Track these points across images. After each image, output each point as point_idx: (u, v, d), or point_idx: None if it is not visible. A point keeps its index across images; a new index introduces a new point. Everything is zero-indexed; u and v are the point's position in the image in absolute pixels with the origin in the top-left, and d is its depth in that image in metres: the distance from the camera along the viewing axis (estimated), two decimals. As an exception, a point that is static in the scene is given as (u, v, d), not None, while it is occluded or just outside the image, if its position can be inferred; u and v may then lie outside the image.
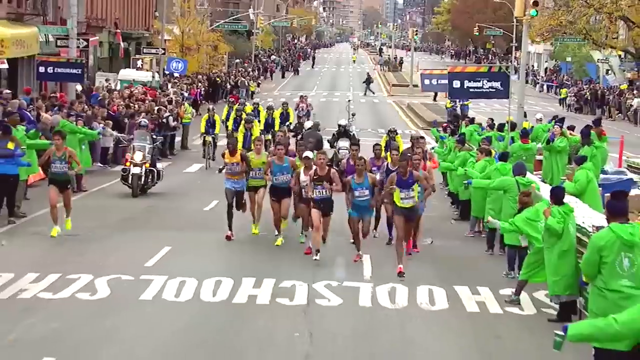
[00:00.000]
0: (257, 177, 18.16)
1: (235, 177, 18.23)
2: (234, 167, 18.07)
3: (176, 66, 47.75)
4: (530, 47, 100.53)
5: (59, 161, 17.79)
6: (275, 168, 17.55)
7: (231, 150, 18.22)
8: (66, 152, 17.88)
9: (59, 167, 17.79)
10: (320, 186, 16.29)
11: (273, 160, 17.70)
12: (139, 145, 23.63)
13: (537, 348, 11.04)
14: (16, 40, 38.09)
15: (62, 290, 13.30)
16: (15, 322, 11.59)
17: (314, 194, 16.35)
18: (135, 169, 23.11)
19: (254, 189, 18.16)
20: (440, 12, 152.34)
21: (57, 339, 10.91)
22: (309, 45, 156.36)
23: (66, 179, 17.93)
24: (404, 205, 15.36)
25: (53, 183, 17.87)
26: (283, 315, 12.30)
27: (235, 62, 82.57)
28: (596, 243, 8.86)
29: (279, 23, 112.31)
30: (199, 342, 10.98)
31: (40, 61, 28.89)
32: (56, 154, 17.84)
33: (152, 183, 23.82)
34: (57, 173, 17.82)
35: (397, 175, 15.43)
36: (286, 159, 17.77)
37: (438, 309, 12.95)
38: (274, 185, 17.67)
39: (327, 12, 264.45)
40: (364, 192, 16.04)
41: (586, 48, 75.40)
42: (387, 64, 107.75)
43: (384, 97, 73.32)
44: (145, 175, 23.40)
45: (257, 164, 18.09)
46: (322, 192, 16.33)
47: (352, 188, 16.12)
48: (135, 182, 23.07)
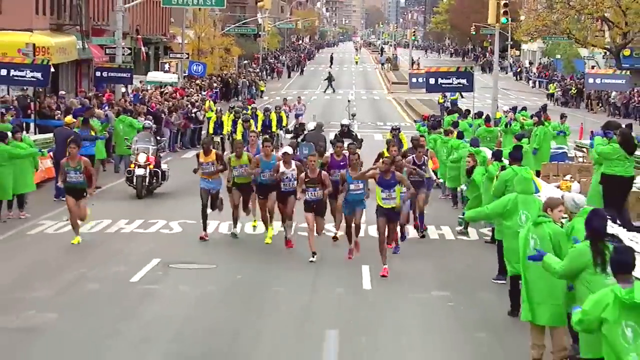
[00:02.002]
0: (243, 174, 18.05)
1: (210, 177, 18.23)
2: (208, 167, 18.11)
3: (196, 69, 53.24)
4: (524, 45, 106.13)
5: (73, 171, 17.58)
6: (263, 165, 17.64)
7: (205, 150, 18.28)
8: (81, 162, 17.66)
9: (74, 177, 17.59)
10: (312, 188, 16.47)
11: (261, 157, 17.78)
12: (143, 147, 23.67)
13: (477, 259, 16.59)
14: (59, 48, 43.68)
15: (150, 227, 19.05)
16: (126, 244, 17.27)
17: (307, 196, 16.52)
18: (139, 171, 23.13)
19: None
20: (439, 12, 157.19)
21: (156, 254, 16.44)
22: (312, 45, 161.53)
23: (81, 188, 17.68)
24: (385, 205, 15.48)
25: (69, 193, 17.72)
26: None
27: (244, 63, 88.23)
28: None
29: (284, 25, 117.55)
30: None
31: (97, 67, 34.61)
32: (70, 164, 17.64)
33: (157, 184, 23.90)
34: (72, 182, 17.63)
35: (379, 174, 15.56)
36: (273, 156, 17.83)
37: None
38: (260, 182, 17.78)
39: (329, 12, 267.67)
40: (359, 185, 16.16)
41: (575, 46, 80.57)
42: (389, 62, 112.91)
43: (384, 94, 78.92)
44: (150, 176, 23.39)
45: (236, 164, 18.07)
46: (315, 194, 16.50)
47: (347, 181, 16.22)
48: (139, 183, 23.14)
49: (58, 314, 12.67)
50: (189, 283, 14.66)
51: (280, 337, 11.89)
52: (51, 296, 13.61)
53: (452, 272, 15.78)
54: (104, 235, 18.52)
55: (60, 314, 12.67)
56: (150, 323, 12.43)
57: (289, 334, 12.01)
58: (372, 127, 47.69)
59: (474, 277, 15.25)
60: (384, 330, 12.21)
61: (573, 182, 19.55)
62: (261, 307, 13.31)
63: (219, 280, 14.92)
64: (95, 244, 17.57)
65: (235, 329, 12.11)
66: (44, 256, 16.25)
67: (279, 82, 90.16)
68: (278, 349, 11.44)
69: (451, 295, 14.07)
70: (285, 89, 79.45)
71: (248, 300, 13.70)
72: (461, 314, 13.09)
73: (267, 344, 11.63)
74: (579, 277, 9.11)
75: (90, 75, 52.55)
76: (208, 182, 18.28)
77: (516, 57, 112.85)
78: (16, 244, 17.52)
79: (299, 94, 73.46)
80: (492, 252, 15.30)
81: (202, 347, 11.40)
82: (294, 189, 17.12)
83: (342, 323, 12.53)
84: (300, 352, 11.34)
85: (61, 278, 14.80)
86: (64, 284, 14.43)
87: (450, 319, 12.89)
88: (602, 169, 17.51)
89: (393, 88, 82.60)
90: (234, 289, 14.43)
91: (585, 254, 9.02)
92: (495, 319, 12.77)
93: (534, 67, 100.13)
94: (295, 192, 17.02)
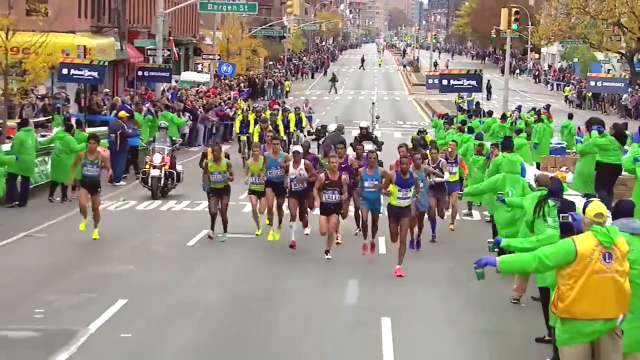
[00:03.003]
0: (257, 182, 18.16)
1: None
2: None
3: (226, 69, 56.33)
4: (544, 49, 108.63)
5: (90, 164, 17.90)
6: (270, 162, 17.82)
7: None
8: (99, 157, 18.05)
9: (91, 170, 17.91)
10: (331, 191, 16.40)
11: (268, 154, 17.94)
12: (159, 147, 23.63)
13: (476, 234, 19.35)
14: (99, 49, 46.83)
15: (196, 207, 22.09)
16: (177, 219, 20.25)
17: (324, 198, 16.42)
18: (155, 171, 23.14)
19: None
20: (461, 15, 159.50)
21: (205, 227, 19.31)
22: (336, 47, 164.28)
23: (96, 182, 18.05)
24: (399, 204, 15.60)
25: (84, 185, 18.07)
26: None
27: (269, 63, 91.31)
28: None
29: (309, 27, 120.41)
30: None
31: (139, 67, 37.73)
32: (88, 157, 17.97)
33: (172, 185, 23.84)
34: (88, 175, 17.96)
35: (396, 173, 15.70)
36: (281, 153, 17.97)
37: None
38: (269, 179, 17.87)
39: (353, 13, 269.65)
40: (373, 182, 16.16)
41: (591, 49, 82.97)
42: (411, 64, 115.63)
43: (405, 95, 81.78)
44: (165, 178, 23.40)
45: (255, 170, 18.14)
46: (333, 197, 16.43)
47: (363, 179, 16.36)
48: (154, 184, 23.15)
49: (134, 266, 15.85)
50: (234, 247, 17.62)
51: (307, 287, 14.83)
52: (126, 255, 16.76)
53: (457, 245, 18.45)
54: (158, 212, 21.59)
55: (135, 266, 15.87)
56: (205, 274, 15.55)
57: (316, 283, 14.93)
58: (393, 126, 50.85)
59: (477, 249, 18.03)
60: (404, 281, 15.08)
61: (567, 172, 22.53)
62: (292, 266, 16.19)
63: (261, 246, 17.87)
64: (152, 219, 20.65)
65: (274, 277, 15.07)
66: (111, 227, 19.17)
67: (303, 82, 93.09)
68: (305, 297, 14.35)
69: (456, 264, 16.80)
70: (309, 90, 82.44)
71: (284, 260, 16.58)
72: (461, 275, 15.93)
73: (298, 293, 14.55)
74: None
75: (126, 74, 55.82)
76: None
77: (536, 60, 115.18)
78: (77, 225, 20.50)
79: (322, 94, 76.83)
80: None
81: (250, 287, 14.37)
82: (304, 188, 17.39)
83: (360, 274, 15.45)
84: (325, 297, 14.22)
85: (130, 243, 17.89)
86: (133, 246, 17.52)
87: (452, 275, 15.76)
88: (597, 157, 20.41)
89: (414, 89, 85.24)
90: (273, 251, 17.34)
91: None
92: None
93: (552, 70, 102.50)
94: (306, 191, 17.33)
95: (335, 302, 13.88)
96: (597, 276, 8.07)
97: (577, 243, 8.10)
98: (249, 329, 12.27)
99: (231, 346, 11.54)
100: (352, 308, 13.73)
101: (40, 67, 28.44)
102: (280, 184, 17.76)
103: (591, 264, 8.06)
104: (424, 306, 13.83)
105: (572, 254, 8.06)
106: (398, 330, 12.20)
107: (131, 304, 13.19)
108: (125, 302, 13.22)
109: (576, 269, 8.10)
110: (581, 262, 8.07)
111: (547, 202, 11.87)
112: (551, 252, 8.16)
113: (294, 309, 13.43)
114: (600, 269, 8.07)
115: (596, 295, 8.06)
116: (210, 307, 13.34)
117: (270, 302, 13.78)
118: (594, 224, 8.13)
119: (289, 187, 17.59)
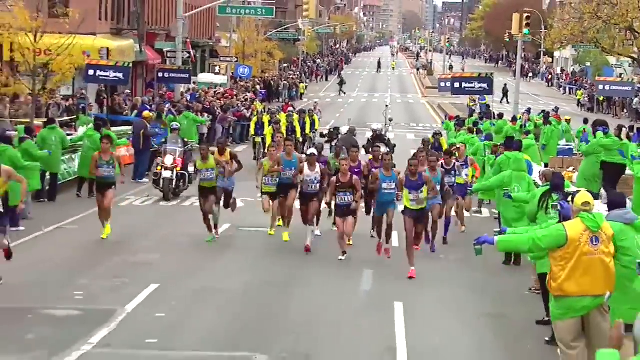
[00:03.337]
0: (270, 183, 18.28)
1: (225, 175, 18.43)
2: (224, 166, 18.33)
3: (243, 71, 57.41)
4: (557, 53, 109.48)
5: (105, 165, 18.10)
6: (285, 163, 17.97)
7: (220, 150, 18.57)
8: (113, 158, 18.25)
9: (105, 171, 18.12)
10: (344, 193, 16.53)
11: (282, 156, 18.05)
12: (170, 149, 23.74)
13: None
14: (119, 51, 47.96)
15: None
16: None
17: (337, 200, 16.61)
18: (167, 173, 23.21)
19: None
20: (474, 19, 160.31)
21: (227, 220, 20.34)
22: (350, 49, 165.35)
23: (111, 183, 18.24)
24: (413, 207, 15.72)
25: (98, 186, 18.49)
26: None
27: (284, 66, 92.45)
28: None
29: (324, 30, 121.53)
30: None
31: (160, 69, 38.88)
32: (103, 158, 18.13)
33: (184, 186, 23.92)
34: (103, 177, 18.18)
35: (406, 176, 15.82)
36: (294, 155, 18.14)
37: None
38: (281, 180, 18.00)
39: (367, 16, 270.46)
40: (390, 184, 16.27)
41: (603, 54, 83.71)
42: (425, 68, 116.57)
43: (418, 98, 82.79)
44: (177, 179, 23.47)
45: (269, 170, 18.21)
46: (345, 199, 16.56)
47: (380, 180, 16.42)
48: (167, 185, 23.21)
49: (161, 255, 17.00)
50: (253, 239, 18.70)
51: (323, 276, 15.86)
52: (153, 245, 17.89)
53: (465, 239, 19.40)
54: (182, 208, 22.71)
55: (162, 255, 17.01)
56: (227, 263, 16.68)
57: (331, 272, 15.97)
58: (406, 128, 51.89)
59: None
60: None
61: (574, 173, 23.55)
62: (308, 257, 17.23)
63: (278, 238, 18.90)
64: (178, 213, 21.76)
65: (291, 266, 16.17)
66: (138, 220, 20.28)
67: (317, 85, 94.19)
68: (321, 284, 15.38)
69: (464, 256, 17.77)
70: (323, 92, 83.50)
71: (301, 251, 17.57)
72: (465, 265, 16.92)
73: (314, 281, 15.59)
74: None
75: (144, 76, 57.02)
76: (224, 181, 18.61)
77: (549, 63, 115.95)
78: (113, 213, 21.56)
79: (336, 97, 77.88)
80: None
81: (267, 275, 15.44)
82: (316, 191, 17.50)
83: (374, 264, 16.50)
84: (341, 284, 15.24)
85: (156, 234, 19.01)
86: (159, 238, 18.61)
87: (459, 266, 16.77)
88: (603, 157, 21.49)
89: (427, 92, 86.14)
90: (290, 244, 18.36)
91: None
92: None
93: (564, 74, 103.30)
94: (318, 194, 17.50)
95: (351, 289, 14.92)
96: (585, 257, 9.07)
97: (567, 228, 9.11)
98: (269, 311, 13.35)
99: (252, 325, 12.60)
100: (366, 294, 14.81)
101: (67, 69, 29.58)
102: (291, 184, 17.96)
103: (580, 247, 9.07)
104: (433, 293, 14.84)
105: (562, 238, 9.06)
106: (409, 314, 13.23)
107: (162, 288, 14.28)
108: (157, 287, 14.31)
109: (567, 252, 9.10)
110: (571, 245, 9.07)
111: (550, 196, 12.85)
112: (544, 235, 9.17)
113: (310, 294, 14.49)
114: (588, 251, 9.07)
115: (585, 275, 9.06)
116: (232, 292, 14.42)
117: (288, 288, 14.86)
118: (582, 211, 9.14)
119: (300, 188, 17.72)
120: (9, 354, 10.93)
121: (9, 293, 13.76)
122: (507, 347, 12.08)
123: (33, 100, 29.47)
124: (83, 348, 11.17)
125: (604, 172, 21.57)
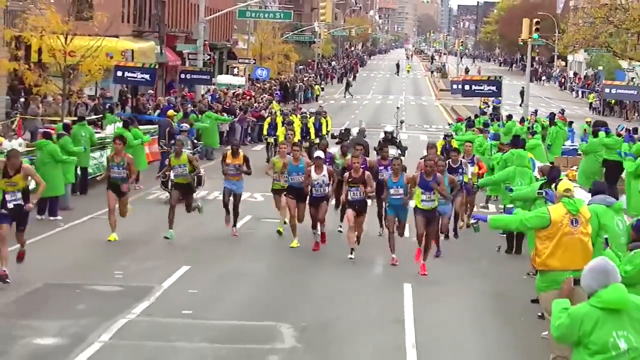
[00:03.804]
0: (279, 180, 18.68)
1: (235, 178, 18.89)
2: (231, 169, 18.77)
3: (260, 73, 59.03)
4: (570, 57, 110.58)
5: (117, 167, 18.14)
6: (291, 168, 18.05)
7: (234, 151, 18.81)
8: (125, 159, 18.20)
9: (117, 173, 18.17)
10: (355, 188, 16.75)
11: (289, 161, 18.17)
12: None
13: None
14: (141, 52, 49.53)
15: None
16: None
17: (350, 196, 16.86)
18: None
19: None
20: (489, 22, 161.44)
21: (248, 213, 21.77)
22: (364, 52, 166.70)
23: (121, 184, 18.31)
24: (424, 207, 15.94)
25: (111, 188, 18.30)
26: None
27: (300, 68, 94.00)
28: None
29: (339, 32, 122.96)
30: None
31: (182, 70, 40.48)
32: (115, 159, 18.20)
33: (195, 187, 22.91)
34: (115, 178, 18.22)
35: (420, 175, 16.03)
36: (302, 159, 18.07)
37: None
38: (290, 185, 18.15)
39: (382, 19, 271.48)
40: (398, 190, 16.37)
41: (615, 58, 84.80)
42: (439, 71, 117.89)
43: (432, 100, 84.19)
44: None
45: (279, 167, 18.51)
46: (357, 194, 16.79)
47: (388, 186, 16.58)
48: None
49: (190, 241, 18.66)
50: (274, 229, 20.07)
51: (339, 262, 17.31)
52: (183, 233, 19.22)
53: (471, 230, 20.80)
54: (204, 201, 24.07)
55: (191, 241, 18.68)
56: (250, 249, 18.25)
57: (346, 259, 17.39)
58: (419, 129, 53.33)
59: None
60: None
61: (577, 171, 24.97)
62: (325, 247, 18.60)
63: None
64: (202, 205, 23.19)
65: (310, 254, 17.65)
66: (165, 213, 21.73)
67: (332, 87, 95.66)
68: (337, 269, 16.82)
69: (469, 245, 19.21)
70: (338, 94, 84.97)
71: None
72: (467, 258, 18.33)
73: (330, 265, 17.03)
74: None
75: (164, 77, 58.63)
76: (232, 183, 19.03)
77: (562, 67, 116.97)
78: (142, 206, 22.95)
79: (350, 99, 79.34)
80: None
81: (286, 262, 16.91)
82: (325, 194, 17.60)
83: (385, 252, 17.90)
84: (355, 268, 16.69)
85: (182, 225, 20.33)
86: (188, 226, 20.02)
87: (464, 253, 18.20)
88: (604, 155, 22.98)
89: (440, 95, 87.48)
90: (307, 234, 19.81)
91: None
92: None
93: (577, 77, 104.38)
94: (327, 197, 17.70)
95: (364, 272, 16.42)
96: (566, 237, 10.47)
97: (550, 211, 10.52)
98: (290, 289, 14.96)
99: (276, 300, 14.18)
100: (378, 276, 16.33)
101: (96, 69, 31.12)
102: (301, 189, 17.89)
103: (562, 228, 10.46)
104: (439, 275, 16.27)
105: (546, 220, 10.47)
106: (417, 293, 14.71)
107: (193, 270, 15.82)
108: (188, 268, 15.83)
109: (551, 232, 10.51)
110: (554, 226, 10.47)
111: (548, 187, 14.24)
112: (530, 217, 10.60)
113: (327, 277, 15.99)
114: (569, 232, 10.47)
115: (566, 252, 10.46)
116: (256, 274, 16.01)
117: (307, 271, 16.38)
118: (564, 197, 10.55)
119: (309, 192, 17.73)
120: (65, 319, 12.52)
121: (55, 273, 15.32)
122: (506, 321, 13.56)
123: (63, 99, 31.02)
124: (128, 317, 12.73)
125: (606, 169, 23.08)
